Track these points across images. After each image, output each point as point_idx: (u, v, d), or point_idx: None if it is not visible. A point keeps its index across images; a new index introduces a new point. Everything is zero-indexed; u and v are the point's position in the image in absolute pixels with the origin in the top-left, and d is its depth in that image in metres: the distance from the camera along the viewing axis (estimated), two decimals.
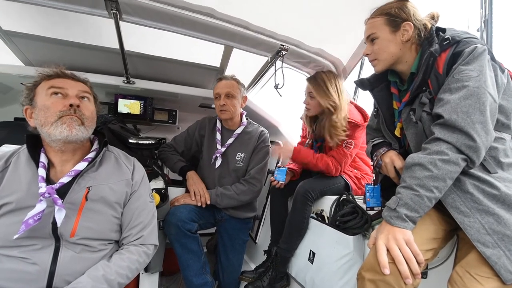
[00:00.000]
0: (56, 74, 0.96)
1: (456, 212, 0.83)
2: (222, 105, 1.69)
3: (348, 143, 1.58)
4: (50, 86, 0.93)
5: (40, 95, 0.93)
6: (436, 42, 0.92)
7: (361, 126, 1.57)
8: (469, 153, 0.80)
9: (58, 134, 0.89)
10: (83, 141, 0.98)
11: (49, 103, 0.91)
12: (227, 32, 1.52)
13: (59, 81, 0.96)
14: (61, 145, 0.93)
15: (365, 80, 1.17)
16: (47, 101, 0.92)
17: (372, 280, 0.80)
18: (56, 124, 0.89)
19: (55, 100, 0.92)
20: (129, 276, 0.94)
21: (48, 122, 0.90)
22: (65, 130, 0.89)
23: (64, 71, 0.98)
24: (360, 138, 1.60)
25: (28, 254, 0.84)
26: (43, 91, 0.93)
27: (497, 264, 0.74)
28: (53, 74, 0.96)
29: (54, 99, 0.92)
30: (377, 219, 1.24)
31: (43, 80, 0.95)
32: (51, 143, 0.93)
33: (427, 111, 0.92)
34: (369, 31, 1.04)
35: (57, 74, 0.97)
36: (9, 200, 0.85)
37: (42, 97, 0.92)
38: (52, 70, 0.96)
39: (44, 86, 0.94)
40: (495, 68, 0.87)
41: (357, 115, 1.62)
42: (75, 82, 0.99)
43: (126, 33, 1.56)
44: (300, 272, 1.52)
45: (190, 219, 1.49)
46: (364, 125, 1.57)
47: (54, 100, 0.92)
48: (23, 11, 1.43)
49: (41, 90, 0.94)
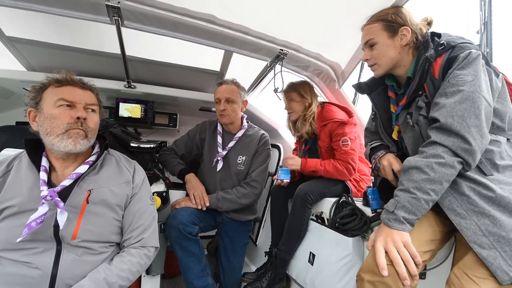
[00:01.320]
0: (66, 81, 0.96)
1: (453, 214, 0.84)
2: (222, 110, 1.71)
3: (344, 141, 1.60)
4: (59, 97, 0.92)
5: (47, 102, 0.92)
6: (432, 47, 0.94)
7: (347, 123, 1.62)
8: (465, 156, 0.81)
9: (62, 147, 0.91)
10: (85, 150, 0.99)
11: (56, 112, 0.91)
12: (228, 37, 1.54)
13: (69, 91, 0.95)
14: (63, 155, 0.95)
15: (363, 84, 1.19)
16: (54, 110, 0.91)
17: (371, 281, 0.81)
18: (62, 137, 0.90)
19: (63, 111, 0.92)
20: (130, 278, 0.94)
21: (53, 132, 0.90)
22: (70, 145, 0.91)
23: (73, 77, 0.98)
24: (351, 133, 1.62)
25: (30, 258, 0.85)
26: (51, 98, 0.93)
27: (493, 265, 0.75)
28: (62, 80, 0.96)
29: (61, 109, 0.92)
30: (376, 221, 1.25)
31: (51, 84, 0.95)
32: (53, 151, 0.94)
33: (423, 114, 0.94)
34: (367, 37, 1.06)
35: (67, 81, 0.96)
36: (11, 204, 0.86)
37: (49, 105, 0.92)
38: (62, 76, 0.96)
39: (52, 93, 0.93)
40: (490, 72, 0.89)
41: (341, 113, 1.68)
42: (83, 92, 0.98)
43: (127, 39, 1.58)
44: (300, 273, 1.53)
45: (191, 222, 1.50)
46: (350, 121, 1.63)
47: (61, 110, 0.92)
48: (26, 17, 1.45)
49: (49, 97, 0.93)
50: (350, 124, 1.63)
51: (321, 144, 1.70)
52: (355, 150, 1.62)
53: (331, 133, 1.64)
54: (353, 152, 1.61)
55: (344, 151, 1.60)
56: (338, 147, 1.61)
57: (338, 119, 1.62)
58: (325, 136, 1.66)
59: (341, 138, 1.60)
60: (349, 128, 1.63)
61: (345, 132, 1.60)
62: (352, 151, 1.60)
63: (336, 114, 1.66)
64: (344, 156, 1.60)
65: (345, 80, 1.93)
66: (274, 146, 2.30)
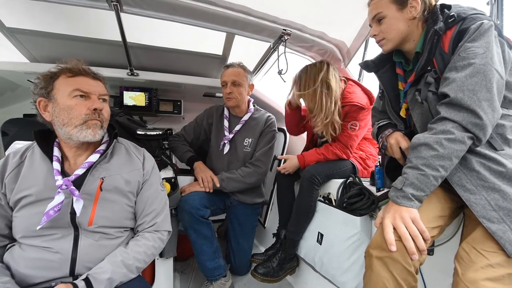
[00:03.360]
0: (78, 70, 0.95)
1: (462, 190, 0.84)
2: (228, 93, 1.70)
3: (353, 125, 1.57)
4: (75, 88, 0.92)
5: (62, 92, 0.92)
6: (441, 20, 0.90)
7: (366, 108, 1.55)
8: (476, 131, 0.80)
9: (81, 138, 0.92)
10: None
11: (72, 103, 0.91)
12: (229, 19, 1.50)
13: (83, 81, 0.94)
14: (79, 144, 0.96)
15: (370, 62, 1.16)
16: (70, 101, 0.91)
17: (379, 257, 0.83)
18: (81, 128, 0.91)
19: (79, 102, 0.92)
20: (146, 260, 0.98)
21: (72, 123, 0.91)
22: (90, 135, 0.92)
23: (85, 67, 0.97)
24: (365, 120, 1.58)
25: (50, 244, 0.88)
26: (65, 88, 0.92)
27: (502, 238, 0.75)
28: (74, 70, 0.95)
29: (78, 100, 0.92)
30: (384, 200, 1.26)
31: (62, 73, 0.94)
32: (68, 141, 0.95)
33: (432, 90, 0.92)
34: (375, 11, 1.02)
35: (79, 71, 0.96)
36: (29, 193, 0.89)
37: (64, 96, 0.92)
38: (73, 65, 0.95)
39: (66, 83, 0.93)
40: (502, 43, 0.85)
41: (363, 98, 1.58)
42: (96, 82, 0.98)
43: (127, 25, 1.56)
44: (309, 253, 1.57)
45: (202, 206, 1.53)
46: (369, 108, 1.54)
47: (78, 102, 0.92)
48: (25, 7, 1.43)
49: (62, 87, 0.92)
50: (367, 110, 1.55)
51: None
52: (358, 137, 1.61)
53: (346, 114, 1.57)
54: (356, 139, 1.60)
55: (348, 134, 1.58)
56: (345, 128, 1.58)
57: (358, 103, 1.52)
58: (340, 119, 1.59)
59: (352, 120, 1.56)
60: (365, 114, 1.57)
61: (359, 117, 1.56)
62: (356, 137, 1.59)
63: (357, 97, 1.55)
64: (346, 139, 1.58)
65: (350, 59, 1.88)
66: (280, 130, 2.30)
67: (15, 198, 0.89)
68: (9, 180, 0.91)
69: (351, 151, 1.61)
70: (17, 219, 0.90)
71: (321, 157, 1.62)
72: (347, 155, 1.60)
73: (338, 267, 1.36)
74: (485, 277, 0.73)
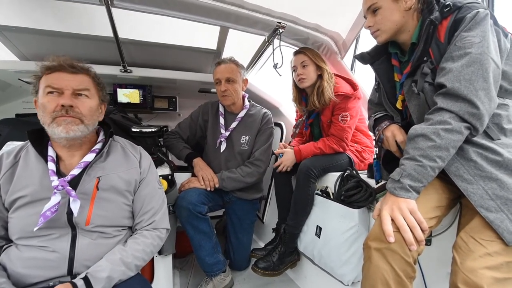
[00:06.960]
0: (54, 67, 0.93)
1: (460, 180, 0.85)
2: (223, 91, 1.67)
3: (344, 116, 1.58)
4: (47, 84, 0.90)
5: (40, 91, 0.92)
6: (437, 9, 0.90)
7: (352, 96, 1.58)
8: (473, 121, 0.80)
9: (57, 135, 0.90)
10: (86, 136, 0.97)
11: (45, 101, 0.90)
12: (222, 12, 1.48)
13: (55, 77, 0.92)
14: (65, 142, 0.93)
15: (365, 53, 1.15)
16: (43, 99, 0.90)
17: (378, 248, 0.83)
18: (52, 126, 0.89)
19: (50, 99, 0.90)
20: (145, 258, 0.98)
21: (46, 122, 0.90)
22: (62, 132, 0.89)
23: (62, 62, 0.94)
24: (354, 108, 1.60)
25: (47, 243, 0.87)
26: (42, 86, 0.92)
27: (500, 227, 0.76)
28: (51, 67, 0.93)
29: (49, 97, 0.90)
30: (381, 192, 1.26)
31: (44, 71, 0.93)
32: (55, 140, 0.94)
33: (429, 81, 0.91)
34: (370, 1, 1.00)
35: (54, 67, 0.93)
36: (24, 194, 0.88)
37: (41, 94, 0.91)
38: (51, 62, 0.93)
39: (43, 81, 0.92)
40: (498, 32, 0.85)
41: (346, 86, 1.62)
42: (72, 76, 0.94)
43: (119, 20, 1.53)
44: (308, 246, 1.58)
45: (200, 202, 1.53)
46: (354, 95, 1.58)
47: (49, 99, 0.90)
48: (14, 4, 1.39)
49: (42, 85, 0.92)
50: (354, 98, 1.59)
51: (324, 119, 1.68)
52: (351, 128, 1.62)
53: (334, 106, 1.61)
54: (349, 130, 1.61)
55: (341, 127, 1.59)
56: (336, 121, 1.60)
57: (342, 92, 1.57)
58: (328, 111, 1.64)
59: (341, 112, 1.58)
60: (353, 102, 1.60)
61: (347, 107, 1.58)
62: (349, 128, 1.60)
63: (340, 87, 1.60)
64: (339, 132, 1.59)
65: (346, 51, 1.87)
66: (276, 125, 2.29)
67: (10, 199, 0.88)
68: (3, 181, 0.90)
69: (347, 144, 1.62)
70: (13, 220, 0.88)
71: (317, 151, 1.62)
72: (344, 148, 1.62)
73: (337, 259, 1.37)
74: (483, 265, 0.74)
